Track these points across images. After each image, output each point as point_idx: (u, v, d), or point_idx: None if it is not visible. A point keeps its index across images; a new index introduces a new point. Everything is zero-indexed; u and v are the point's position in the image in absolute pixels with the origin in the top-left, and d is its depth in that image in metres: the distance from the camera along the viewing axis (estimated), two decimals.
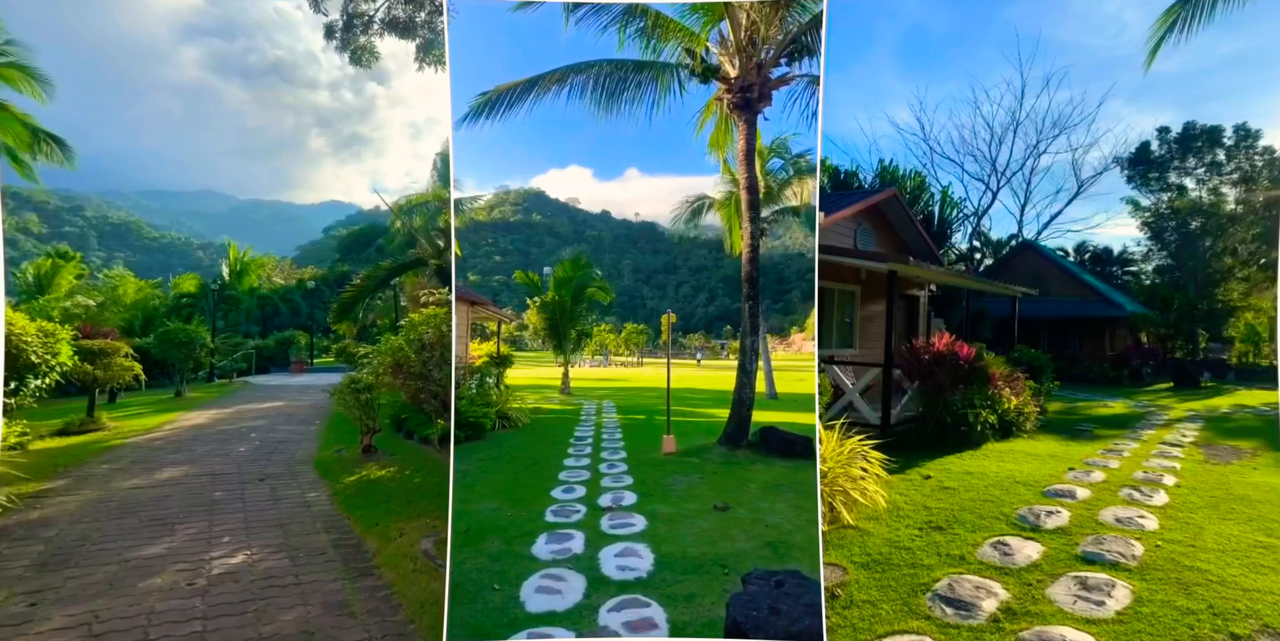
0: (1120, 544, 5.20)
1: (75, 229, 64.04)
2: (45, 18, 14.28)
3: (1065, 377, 14.75)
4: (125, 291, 20.56)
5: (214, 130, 79.56)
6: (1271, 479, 7.62)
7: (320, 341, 25.65)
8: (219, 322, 21.68)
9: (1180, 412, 12.58)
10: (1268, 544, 5.37)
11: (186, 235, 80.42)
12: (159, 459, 8.68)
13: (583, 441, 8.38)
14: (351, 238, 35.34)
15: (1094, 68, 21.73)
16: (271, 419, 12.05)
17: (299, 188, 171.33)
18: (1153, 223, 17.23)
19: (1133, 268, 19.18)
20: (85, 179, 23.52)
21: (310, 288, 25.75)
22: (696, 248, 13.51)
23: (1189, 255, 16.58)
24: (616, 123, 7.50)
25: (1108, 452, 8.93)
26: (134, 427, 10.91)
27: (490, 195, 12.26)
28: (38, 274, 18.39)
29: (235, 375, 19.48)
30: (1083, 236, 19.32)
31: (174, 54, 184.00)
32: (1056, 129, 16.99)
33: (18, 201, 60.50)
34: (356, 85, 65.27)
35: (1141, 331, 17.04)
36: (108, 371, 10.94)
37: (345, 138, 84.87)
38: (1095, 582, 4.44)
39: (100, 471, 8.05)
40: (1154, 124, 23.35)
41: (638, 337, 12.61)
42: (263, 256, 28.44)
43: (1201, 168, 16.27)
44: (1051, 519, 5.80)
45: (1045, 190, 25.09)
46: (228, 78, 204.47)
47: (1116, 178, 17.56)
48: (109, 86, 52.72)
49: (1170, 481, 7.33)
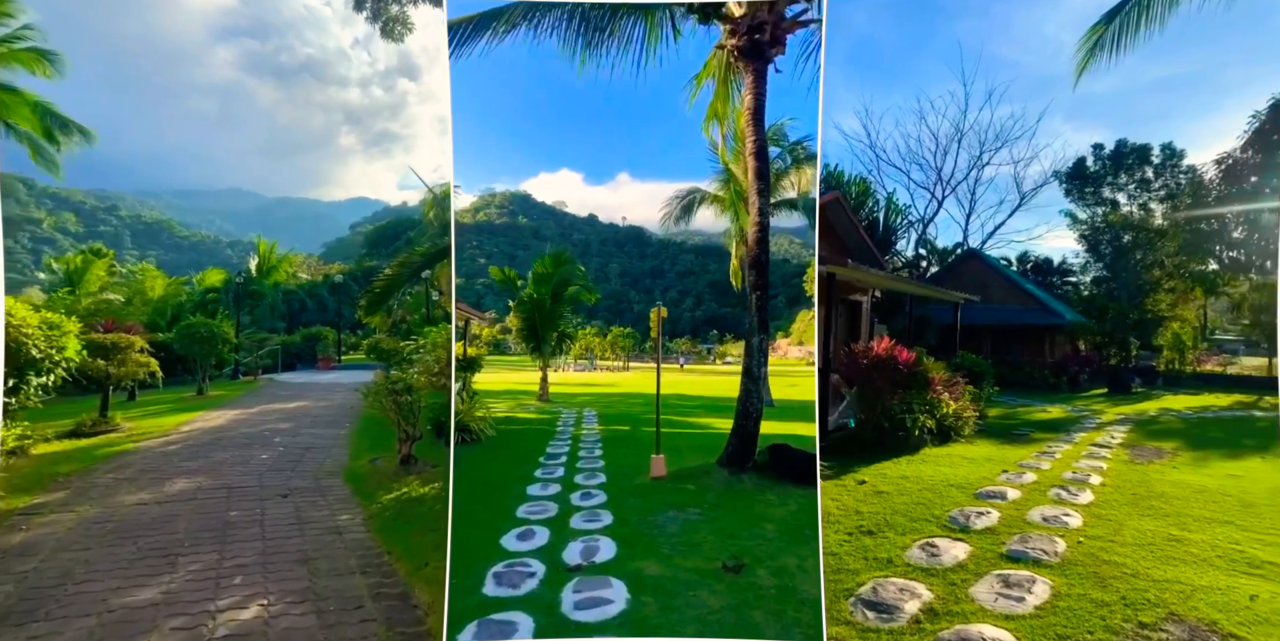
0: (1044, 541, 5.19)
1: (110, 228, 64.86)
2: (86, 24, 13.95)
3: (1007, 383, 15.21)
4: (152, 286, 19.83)
5: (245, 129, 78.48)
6: (1188, 476, 7.88)
7: (347, 338, 24.80)
8: (244, 318, 20.90)
9: (1111, 416, 12.75)
10: (1180, 537, 5.49)
11: (215, 234, 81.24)
12: (170, 467, 7.58)
13: (554, 460, 6.95)
14: (379, 232, 34.71)
15: (1033, 85, 22.00)
16: (297, 421, 10.94)
17: (327, 185, 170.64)
18: (1089, 235, 17.80)
19: (1072, 278, 19.79)
20: (120, 178, 23.09)
21: (337, 282, 24.86)
22: (684, 252, 13.38)
23: (1122, 267, 17.12)
24: (610, 126, 7.04)
25: (1041, 455, 8.93)
26: (149, 429, 9.92)
27: (475, 197, 11.90)
28: (69, 270, 17.72)
29: (260, 372, 18.63)
30: (1025, 246, 19.94)
31: (208, 55, 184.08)
32: (999, 141, 17.42)
33: (56, 202, 61.46)
34: (387, 81, 62.78)
35: (1079, 339, 17.33)
36: (122, 367, 9.98)
37: (375, 134, 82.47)
38: (1017, 579, 4.42)
39: (103, 481, 6.97)
40: (1090, 141, 24.26)
41: (624, 341, 12.04)
42: (290, 253, 27.77)
43: (1132, 184, 16.97)
44: (981, 520, 5.74)
45: (989, 200, 25.68)
46: (260, 77, 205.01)
47: (1056, 191, 18.18)
48: (145, 89, 51.94)
49: (1096, 481, 7.42)
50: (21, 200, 57.01)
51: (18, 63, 12.32)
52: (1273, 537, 5.60)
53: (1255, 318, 15.22)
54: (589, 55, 5.68)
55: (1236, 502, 6.72)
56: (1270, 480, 7.94)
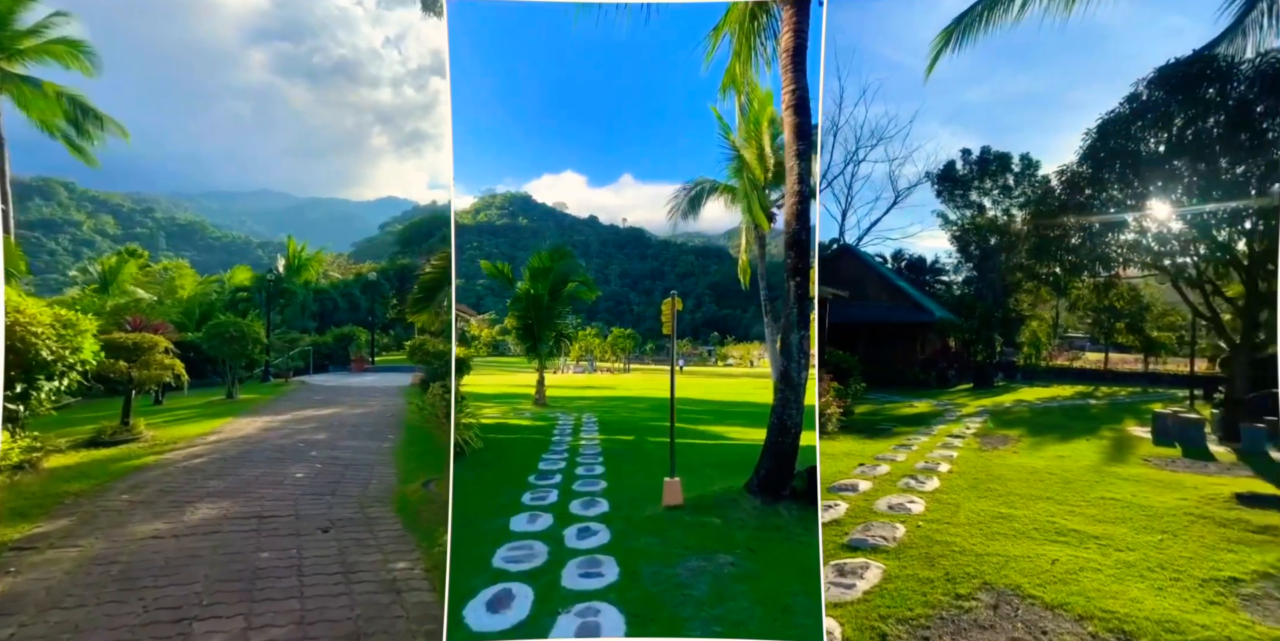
0: (886, 529, 5.32)
1: (146, 230, 65.62)
2: (129, 31, 13.65)
3: (880, 380, 15.52)
4: (183, 284, 19.16)
5: (277, 131, 77.89)
6: (1025, 460, 8.31)
7: (379, 338, 23.96)
8: (274, 317, 20.15)
9: (972, 409, 13.30)
10: (1007, 514, 5.82)
11: (246, 235, 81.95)
12: (193, 487, 6.30)
13: (547, 480, 5.73)
14: (412, 229, 33.97)
15: (908, 85, 21.32)
16: (333, 430, 9.49)
17: (357, 185, 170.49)
18: (960, 236, 18.55)
19: (945, 277, 20.48)
20: (155, 181, 23.18)
21: (371, 280, 23.97)
22: (684, 253, 13.25)
23: (988, 268, 17.96)
24: (615, 128, 6.82)
25: (899, 447, 9.09)
26: (173, 437, 8.90)
27: (476, 199, 11.73)
28: (103, 271, 17.19)
29: (291, 374, 17.81)
30: (899, 244, 20.41)
31: (243, 57, 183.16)
32: (874, 139, 18.10)
33: (95, 204, 62.41)
34: (419, 80, 61.07)
35: (949, 336, 17.81)
36: (145, 370, 9.06)
37: (407, 134, 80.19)
38: (851, 567, 4.49)
39: (116, 505, 5.81)
40: (960, 146, 24.15)
41: (625, 342, 11.63)
42: (320, 251, 27.10)
43: (996, 190, 18.05)
44: (828, 513, 5.77)
45: (866, 197, 25.91)
46: (292, 78, 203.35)
47: (929, 191, 18.74)
48: (181, 93, 51.64)
49: (945, 468, 7.74)
50: (63, 203, 57.87)
51: (49, 56, 11.64)
52: (1081, 508, 6.00)
53: (1096, 317, 16.46)
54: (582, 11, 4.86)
55: (1059, 480, 7.20)
56: (1089, 459, 8.44)
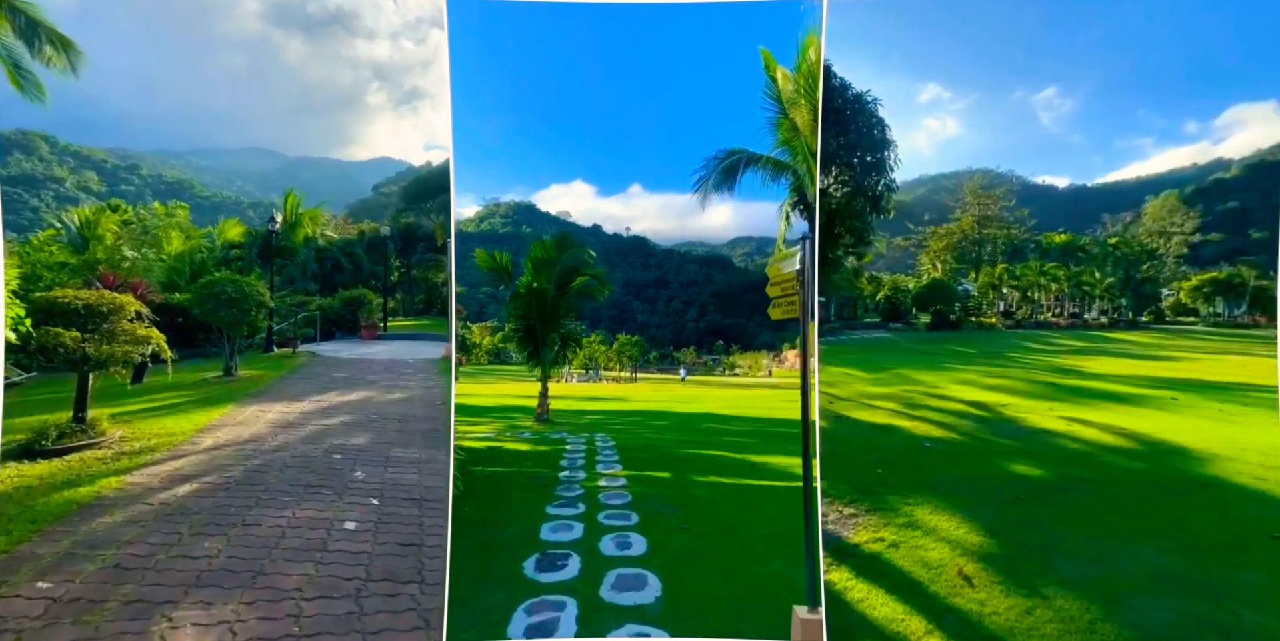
0: None
1: (131, 187, 61.91)
2: None
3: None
4: (168, 238, 16.54)
5: (268, 86, 71.91)
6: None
7: (389, 301, 21.65)
8: (274, 279, 17.59)
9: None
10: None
11: (236, 194, 77.94)
12: (173, 558, 3.60)
13: (552, 572, 3.53)
14: (416, 186, 30.92)
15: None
16: (373, 428, 6.69)
17: (351, 145, 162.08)
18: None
19: None
20: (141, 138, 21.11)
21: (385, 234, 21.19)
22: (688, 262, 12.99)
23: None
24: (625, 137, 6.86)
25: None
26: (149, 439, 6.30)
27: (480, 207, 11.43)
28: (80, 224, 14.89)
29: (298, 343, 15.37)
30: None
31: (235, 5, 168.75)
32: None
33: (78, 160, 58.82)
34: (417, 33, 55.61)
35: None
36: (107, 344, 6.48)
37: (405, 92, 73.55)
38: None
39: (15, 609, 3.33)
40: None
41: (632, 350, 11.47)
42: (317, 208, 24.21)
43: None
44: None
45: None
46: (288, 29, 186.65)
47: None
48: (168, 43, 46.60)
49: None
50: (44, 158, 54.20)
51: None
52: None
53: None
54: None
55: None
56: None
